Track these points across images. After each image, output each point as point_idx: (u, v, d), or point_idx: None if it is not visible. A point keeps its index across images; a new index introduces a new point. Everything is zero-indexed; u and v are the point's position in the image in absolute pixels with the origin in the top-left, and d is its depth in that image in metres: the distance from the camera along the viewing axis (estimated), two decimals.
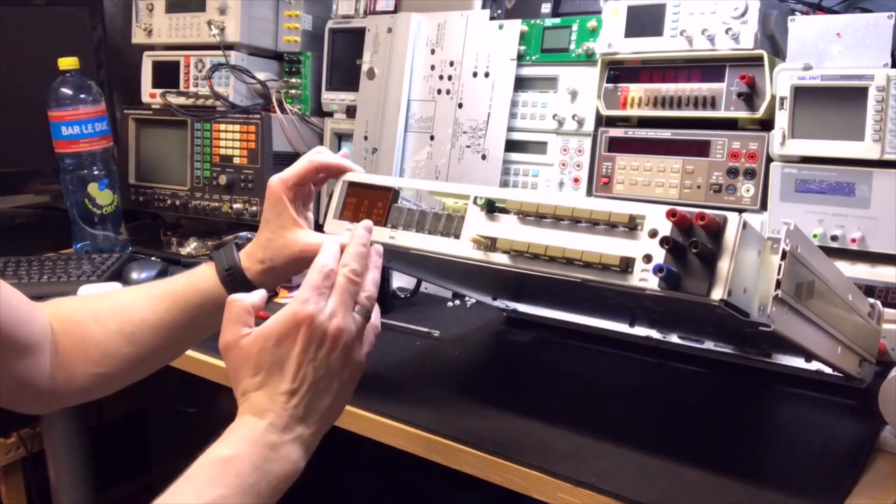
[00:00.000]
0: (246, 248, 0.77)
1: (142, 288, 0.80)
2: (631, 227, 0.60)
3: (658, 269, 0.56)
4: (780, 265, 0.59)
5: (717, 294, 0.55)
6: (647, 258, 0.58)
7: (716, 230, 0.56)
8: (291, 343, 0.57)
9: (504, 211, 0.68)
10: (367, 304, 0.62)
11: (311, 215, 0.79)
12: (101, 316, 0.75)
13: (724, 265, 0.55)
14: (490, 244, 0.67)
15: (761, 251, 0.60)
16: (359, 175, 0.78)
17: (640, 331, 0.95)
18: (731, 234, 0.56)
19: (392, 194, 0.75)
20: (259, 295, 0.62)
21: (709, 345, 0.90)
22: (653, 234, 0.58)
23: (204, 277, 0.75)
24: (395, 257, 0.80)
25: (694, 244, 0.55)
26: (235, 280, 0.74)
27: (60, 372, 0.71)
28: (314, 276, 0.59)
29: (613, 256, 0.59)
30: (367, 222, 0.67)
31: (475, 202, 0.69)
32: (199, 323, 0.76)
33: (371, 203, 0.75)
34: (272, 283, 0.76)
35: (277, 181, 0.74)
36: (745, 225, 0.56)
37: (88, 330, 0.73)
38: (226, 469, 0.53)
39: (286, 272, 0.76)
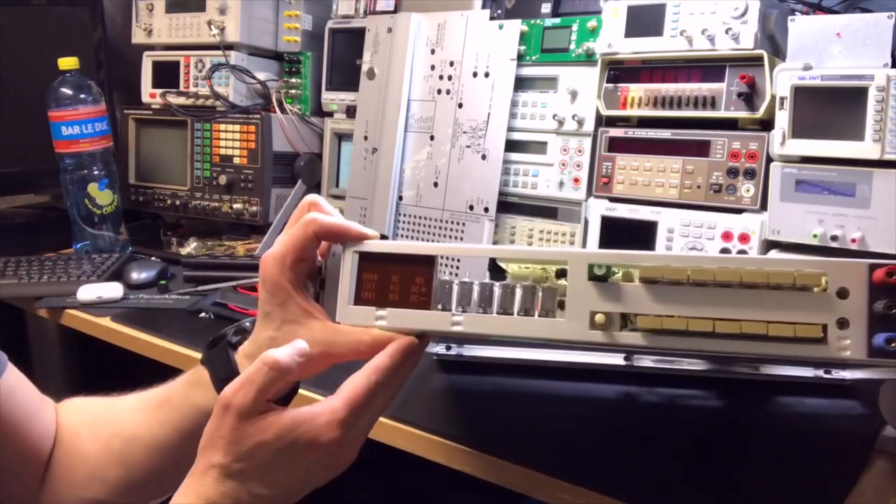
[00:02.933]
0: (244, 349, 0.60)
1: (143, 395, 0.65)
2: (804, 287, 0.52)
3: (890, 340, 0.50)
4: None
5: None
6: (842, 323, 0.51)
7: None
8: (297, 456, 0.49)
9: (619, 278, 0.55)
10: None
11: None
12: (96, 424, 0.63)
13: None
14: (615, 322, 0.54)
15: None
16: (374, 244, 0.59)
17: (608, 358, 0.88)
18: None
19: (434, 265, 0.57)
20: (294, 359, 0.51)
21: (682, 363, 0.86)
22: (842, 294, 0.51)
23: (201, 387, 0.61)
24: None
25: None
26: None
27: (47, 491, 0.61)
28: (360, 395, 0.50)
29: (812, 328, 0.51)
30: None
31: (592, 271, 0.54)
32: (197, 443, 0.61)
33: (404, 279, 0.58)
34: (283, 388, 0.55)
35: (272, 263, 0.56)
36: None
37: (79, 440, 0.62)
38: None
39: (299, 377, 0.59)
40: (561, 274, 0.57)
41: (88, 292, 1.17)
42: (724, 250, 1.00)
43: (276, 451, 0.49)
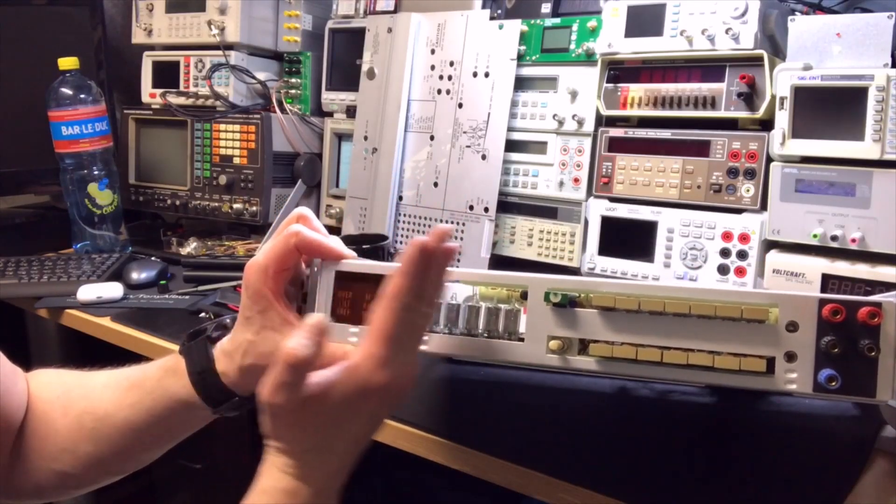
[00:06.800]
0: (222, 346, 0.61)
1: (117, 374, 0.66)
2: (755, 319, 0.52)
3: (830, 378, 0.50)
4: None
5: (885, 395, 0.50)
6: (790, 357, 0.52)
7: (878, 324, 0.50)
8: (358, 407, 0.50)
9: (580, 304, 0.56)
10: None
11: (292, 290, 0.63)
12: (69, 398, 0.64)
13: (887, 361, 0.50)
14: (570, 347, 0.56)
15: None
16: (350, 264, 0.60)
17: None
18: (890, 326, 0.50)
19: None
20: (312, 336, 0.48)
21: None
22: (792, 327, 0.52)
23: (176, 376, 0.61)
24: None
25: (870, 347, 0.50)
26: (208, 386, 0.60)
27: (18, 460, 0.62)
28: (392, 327, 0.49)
29: (757, 361, 0.52)
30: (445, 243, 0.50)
31: (548, 298, 0.56)
32: (168, 427, 0.63)
33: (375, 297, 0.56)
34: (255, 387, 0.58)
35: (256, 271, 0.58)
36: None
37: (52, 413, 0.63)
38: None
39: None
40: (526, 294, 0.59)
41: (88, 292, 1.17)
42: (724, 250, 1.00)
43: (334, 417, 0.50)
